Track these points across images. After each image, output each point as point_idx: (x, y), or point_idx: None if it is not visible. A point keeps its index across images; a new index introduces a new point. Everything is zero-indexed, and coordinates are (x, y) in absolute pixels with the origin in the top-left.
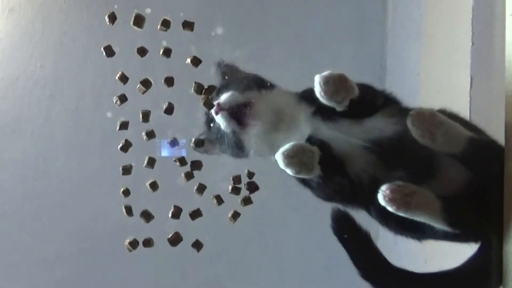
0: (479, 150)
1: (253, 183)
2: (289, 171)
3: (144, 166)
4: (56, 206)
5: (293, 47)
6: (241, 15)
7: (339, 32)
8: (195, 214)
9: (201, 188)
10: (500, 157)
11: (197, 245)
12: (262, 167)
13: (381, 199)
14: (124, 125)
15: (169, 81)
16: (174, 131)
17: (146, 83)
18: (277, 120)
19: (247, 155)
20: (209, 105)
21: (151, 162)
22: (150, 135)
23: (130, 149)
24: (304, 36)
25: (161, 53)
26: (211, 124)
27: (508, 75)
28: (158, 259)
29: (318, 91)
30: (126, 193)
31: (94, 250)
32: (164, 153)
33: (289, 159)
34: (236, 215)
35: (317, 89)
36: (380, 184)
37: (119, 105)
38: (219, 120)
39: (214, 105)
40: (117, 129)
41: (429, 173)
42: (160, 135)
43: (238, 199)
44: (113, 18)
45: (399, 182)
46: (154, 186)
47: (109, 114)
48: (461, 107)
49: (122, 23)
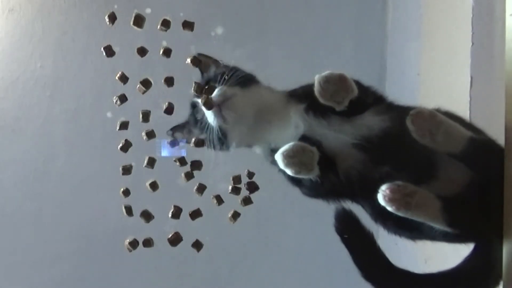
0: (479, 150)
1: (253, 183)
2: (289, 171)
3: (144, 166)
4: (56, 206)
5: (293, 47)
6: (241, 15)
7: (339, 32)
8: (195, 214)
9: (201, 188)
10: (500, 157)
11: (197, 245)
12: (262, 167)
13: (381, 199)
14: (124, 125)
15: (169, 81)
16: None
17: (146, 83)
18: (260, 112)
19: (229, 147)
20: (209, 105)
21: (151, 162)
22: (150, 135)
23: (130, 149)
24: (304, 36)
25: (161, 53)
26: (196, 116)
27: (508, 75)
28: (158, 259)
29: (318, 91)
30: (126, 193)
31: (94, 250)
32: (164, 153)
33: (289, 159)
34: (236, 215)
35: (317, 89)
36: (373, 181)
37: (119, 105)
38: (209, 115)
39: (212, 104)
40: (117, 129)
41: (428, 173)
42: (160, 135)
43: (238, 199)
44: (113, 18)
45: (399, 182)
46: (154, 186)
47: (109, 114)
48: (461, 107)
49: (122, 23)
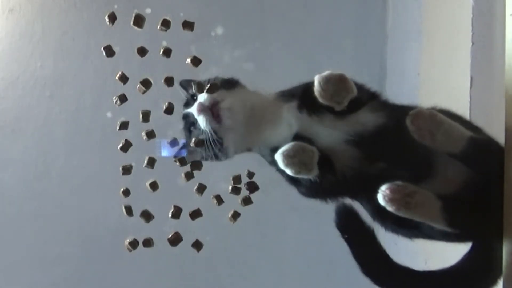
0: (479, 150)
1: (253, 183)
2: (289, 171)
3: (144, 166)
4: (56, 206)
5: (293, 47)
6: (241, 15)
7: (339, 32)
8: (195, 214)
9: (201, 188)
10: (500, 157)
11: (197, 245)
12: (262, 167)
13: (381, 199)
14: (124, 125)
15: (169, 81)
16: (174, 131)
17: (146, 83)
18: (252, 111)
19: (227, 154)
20: (212, 90)
21: (151, 162)
22: (150, 135)
23: (130, 149)
24: (304, 36)
25: (161, 53)
26: (191, 129)
27: (508, 75)
28: (158, 259)
29: (318, 92)
30: (126, 193)
31: (94, 250)
32: (164, 153)
33: (289, 159)
34: (236, 215)
35: (317, 89)
36: (370, 179)
37: (119, 105)
38: (201, 120)
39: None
40: (117, 129)
41: (427, 171)
42: (160, 135)
43: (238, 199)
44: (113, 18)
45: (398, 182)
46: (154, 186)
47: (109, 114)
48: (461, 107)
49: (122, 23)
